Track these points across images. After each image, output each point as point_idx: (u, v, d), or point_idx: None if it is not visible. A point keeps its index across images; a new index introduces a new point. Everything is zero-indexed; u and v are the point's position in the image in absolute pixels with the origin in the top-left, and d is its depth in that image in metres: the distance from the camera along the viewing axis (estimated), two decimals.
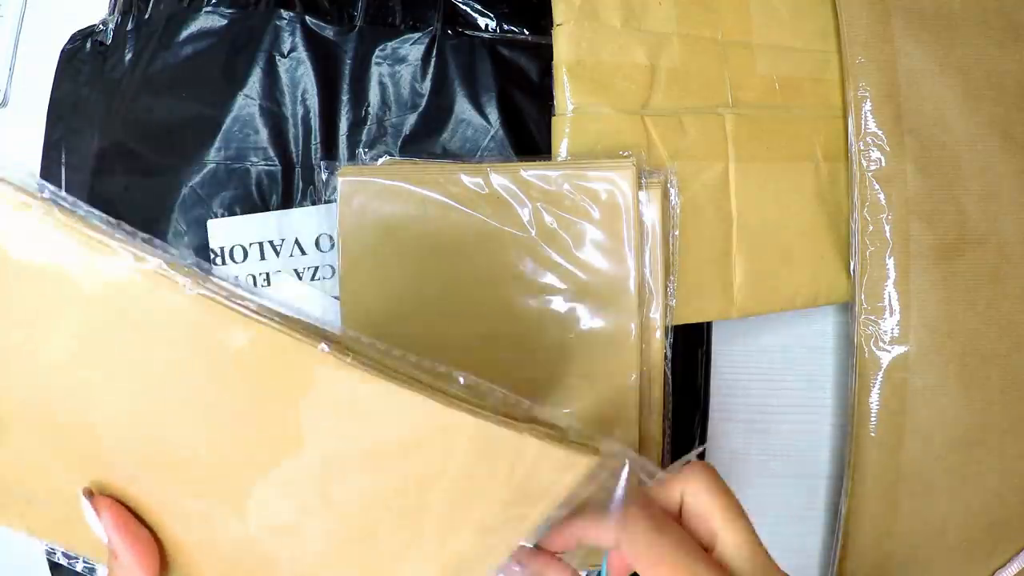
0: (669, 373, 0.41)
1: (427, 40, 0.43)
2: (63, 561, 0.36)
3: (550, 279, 0.40)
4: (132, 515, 0.26)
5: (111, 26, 0.46)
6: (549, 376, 0.40)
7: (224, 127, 0.43)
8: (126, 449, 0.25)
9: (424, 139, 0.43)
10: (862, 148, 0.44)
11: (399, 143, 0.43)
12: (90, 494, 0.26)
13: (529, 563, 0.29)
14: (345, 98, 0.43)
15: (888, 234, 0.43)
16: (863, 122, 0.44)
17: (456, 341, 0.40)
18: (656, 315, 0.40)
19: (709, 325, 0.45)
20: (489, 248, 0.39)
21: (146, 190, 0.44)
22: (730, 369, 0.46)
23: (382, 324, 0.40)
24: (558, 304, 0.40)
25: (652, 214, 0.40)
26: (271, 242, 0.42)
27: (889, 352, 0.43)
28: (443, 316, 0.40)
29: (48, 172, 0.46)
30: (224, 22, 0.43)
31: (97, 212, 0.24)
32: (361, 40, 0.43)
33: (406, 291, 0.40)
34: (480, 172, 0.39)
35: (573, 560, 0.29)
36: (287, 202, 0.43)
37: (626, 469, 0.27)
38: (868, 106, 0.44)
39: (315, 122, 0.43)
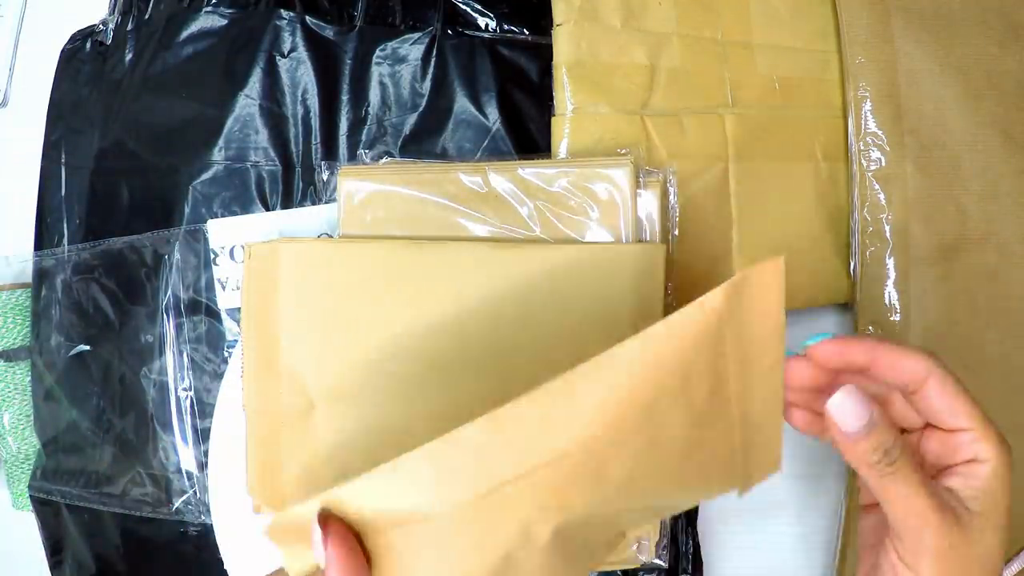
0: None
1: (427, 40, 0.43)
2: None
3: None
4: (355, 541, 0.25)
5: (111, 26, 0.46)
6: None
7: (224, 127, 0.43)
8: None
9: (424, 139, 0.43)
10: (862, 148, 0.44)
11: (399, 143, 0.43)
12: (324, 521, 0.24)
13: None
14: (345, 98, 0.43)
15: (888, 234, 0.43)
16: (863, 122, 0.44)
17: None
18: None
19: None
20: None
21: (146, 190, 0.44)
22: None
23: None
24: None
25: (651, 213, 0.40)
26: None
27: None
28: None
29: (48, 172, 0.47)
30: (224, 22, 0.43)
31: None
32: (361, 40, 0.43)
33: None
34: (479, 171, 0.39)
35: None
36: (287, 202, 0.43)
37: None
38: (868, 106, 0.44)
39: (315, 122, 0.43)
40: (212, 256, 0.42)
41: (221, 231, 0.42)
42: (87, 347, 0.45)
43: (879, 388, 0.31)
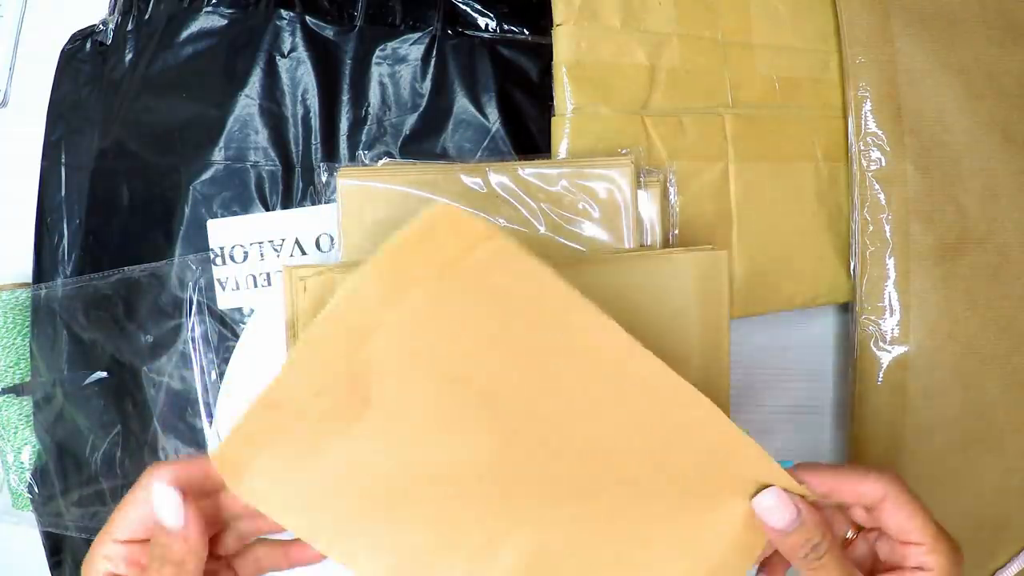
0: None
1: (427, 40, 0.43)
2: None
3: None
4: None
5: (111, 26, 0.46)
6: None
7: (224, 127, 0.43)
8: None
9: (424, 139, 0.43)
10: (862, 148, 0.44)
11: (399, 143, 0.43)
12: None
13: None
14: (345, 98, 0.43)
15: (888, 234, 0.43)
16: (863, 122, 0.44)
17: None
18: None
19: None
20: None
21: (146, 190, 0.44)
22: (730, 369, 0.46)
23: None
24: None
25: (651, 213, 0.40)
26: (271, 242, 0.42)
27: (889, 352, 0.43)
28: None
29: (48, 172, 0.47)
30: (224, 22, 0.43)
31: None
32: (361, 40, 0.43)
33: None
34: (479, 172, 0.39)
35: None
36: (287, 202, 0.43)
37: None
38: (868, 106, 0.44)
39: (315, 122, 0.43)
40: (212, 256, 0.42)
41: (221, 231, 0.42)
42: (90, 337, 0.45)
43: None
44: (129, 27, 0.45)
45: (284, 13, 0.43)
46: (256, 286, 0.42)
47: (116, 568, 0.29)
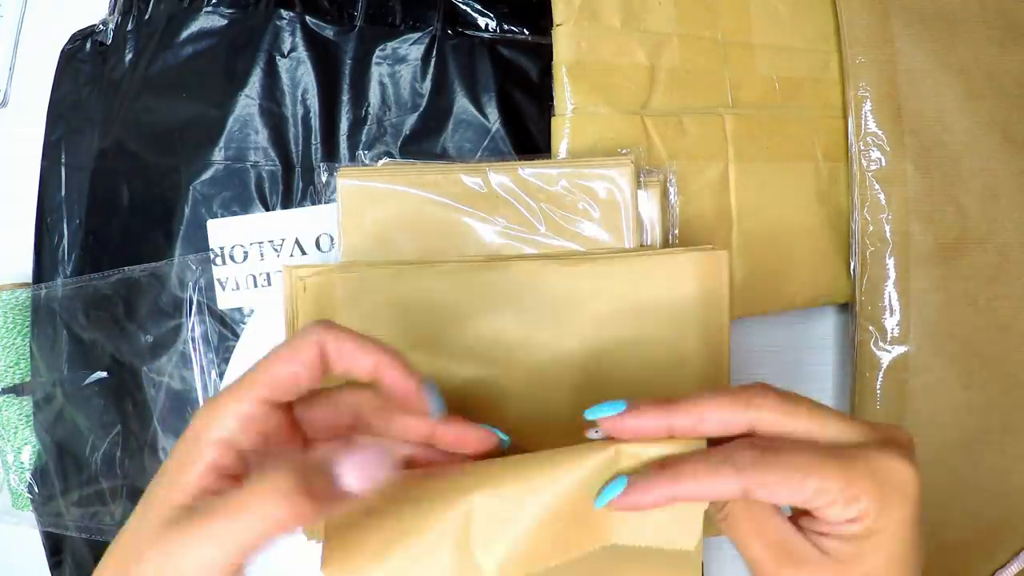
0: None
1: (427, 40, 0.43)
2: None
3: None
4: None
5: (111, 26, 0.46)
6: None
7: (224, 127, 0.43)
8: None
9: (424, 139, 0.43)
10: (862, 148, 0.44)
11: (399, 143, 0.43)
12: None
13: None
14: (345, 98, 0.43)
15: (888, 234, 0.43)
16: (863, 122, 0.44)
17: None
18: None
19: None
20: (490, 247, 0.39)
21: (146, 190, 0.44)
22: (730, 369, 0.46)
23: None
24: None
25: (651, 213, 0.40)
26: (271, 242, 0.42)
27: (889, 352, 0.43)
28: None
29: (48, 172, 0.47)
30: (224, 22, 0.43)
31: None
32: (361, 40, 0.43)
33: None
34: (479, 172, 0.39)
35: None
36: (287, 202, 0.43)
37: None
38: (868, 106, 0.44)
39: (315, 122, 0.43)
40: (212, 256, 0.42)
41: (221, 231, 0.42)
42: (90, 337, 0.45)
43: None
44: (129, 27, 0.45)
45: (284, 13, 0.43)
46: (256, 286, 0.42)
47: (235, 436, 0.25)
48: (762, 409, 0.26)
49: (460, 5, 0.44)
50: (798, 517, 0.27)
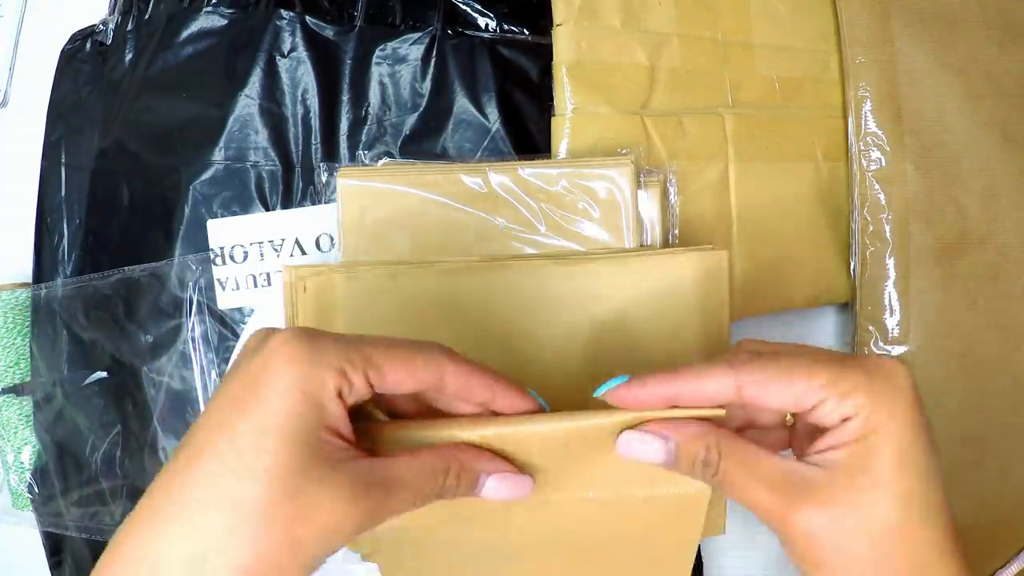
0: None
1: (427, 40, 0.43)
2: None
3: None
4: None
5: (111, 26, 0.46)
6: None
7: (224, 127, 0.43)
8: None
9: (424, 139, 0.43)
10: (862, 148, 0.44)
11: (399, 143, 0.43)
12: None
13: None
14: (345, 98, 0.43)
15: (888, 234, 0.43)
16: (863, 122, 0.44)
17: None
18: None
19: None
20: (490, 247, 0.39)
21: (146, 190, 0.44)
22: None
23: None
24: None
25: (651, 213, 0.40)
26: (271, 242, 0.42)
27: (889, 352, 0.43)
28: None
29: (48, 172, 0.47)
30: (224, 22, 0.43)
31: None
32: (361, 40, 0.43)
33: None
34: (479, 172, 0.39)
35: None
36: (287, 202, 0.43)
37: None
38: (868, 106, 0.44)
39: (315, 122, 0.43)
40: (212, 256, 0.42)
41: (221, 231, 0.42)
42: (90, 337, 0.45)
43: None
44: (129, 27, 0.45)
45: (284, 13, 0.43)
46: (256, 286, 0.42)
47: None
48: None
49: (460, 5, 0.44)
50: (799, 449, 0.28)
